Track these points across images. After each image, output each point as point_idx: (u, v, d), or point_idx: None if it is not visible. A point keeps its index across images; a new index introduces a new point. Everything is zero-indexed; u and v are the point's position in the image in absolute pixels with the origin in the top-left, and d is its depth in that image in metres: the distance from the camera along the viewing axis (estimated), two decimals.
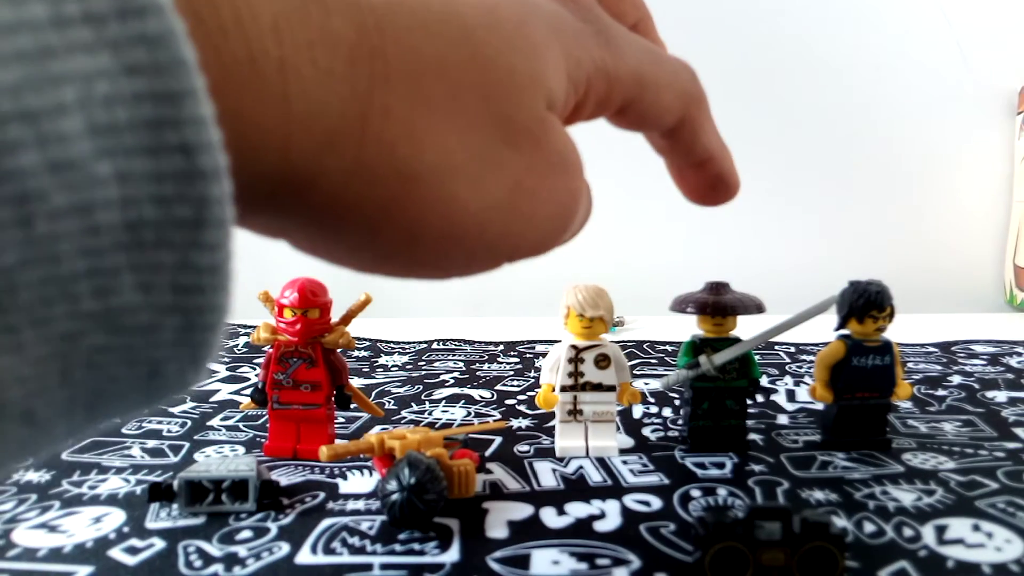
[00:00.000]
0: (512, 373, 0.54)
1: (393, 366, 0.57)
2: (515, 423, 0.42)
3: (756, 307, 0.36)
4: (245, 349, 0.60)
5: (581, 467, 0.35)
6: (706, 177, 0.29)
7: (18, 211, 0.11)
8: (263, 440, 0.38)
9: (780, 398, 0.46)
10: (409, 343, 0.66)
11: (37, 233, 0.11)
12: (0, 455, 0.13)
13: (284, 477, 0.34)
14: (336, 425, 0.39)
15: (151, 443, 0.39)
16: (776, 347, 0.60)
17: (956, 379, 0.50)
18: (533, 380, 0.52)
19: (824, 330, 0.38)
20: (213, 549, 0.28)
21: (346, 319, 0.38)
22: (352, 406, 0.38)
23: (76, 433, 0.14)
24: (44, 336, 0.12)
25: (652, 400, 0.46)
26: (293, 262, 0.20)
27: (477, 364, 0.57)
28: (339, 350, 0.38)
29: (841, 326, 0.36)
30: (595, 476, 0.34)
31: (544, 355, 0.57)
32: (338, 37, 0.16)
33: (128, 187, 0.12)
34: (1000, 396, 0.46)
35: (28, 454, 0.14)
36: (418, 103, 0.17)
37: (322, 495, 0.32)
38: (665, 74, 0.26)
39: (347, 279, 0.37)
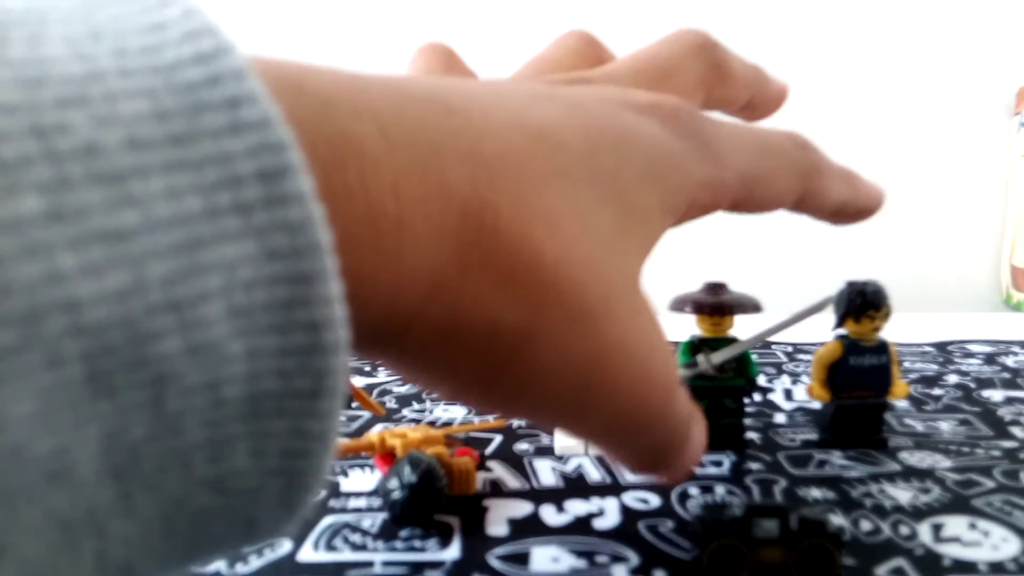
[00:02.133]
0: None
1: None
2: (515, 421, 0.42)
3: (754, 307, 0.36)
4: None
5: (580, 465, 0.35)
6: (844, 218, 0.30)
7: (153, 392, 0.11)
8: None
9: (777, 397, 0.46)
10: None
11: (167, 410, 0.12)
12: None
13: None
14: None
15: None
16: (774, 346, 0.60)
17: (952, 378, 0.50)
18: None
19: (821, 330, 0.38)
20: None
21: None
22: (353, 404, 0.38)
23: None
24: (156, 500, 0.12)
25: None
26: None
27: None
28: None
29: (838, 325, 0.37)
30: (594, 474, 0.34)
31: None
32: (452, 191, 0.16)
33: (255, 363, 0.12)
34: (996, 395, 0.46)
35: None
36: (523, 252, 0.17)
37: (323, 493, 0.32)
38: (775, 165, 0.26)
39: None
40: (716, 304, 0.36)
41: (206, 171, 0.11)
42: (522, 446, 0.38)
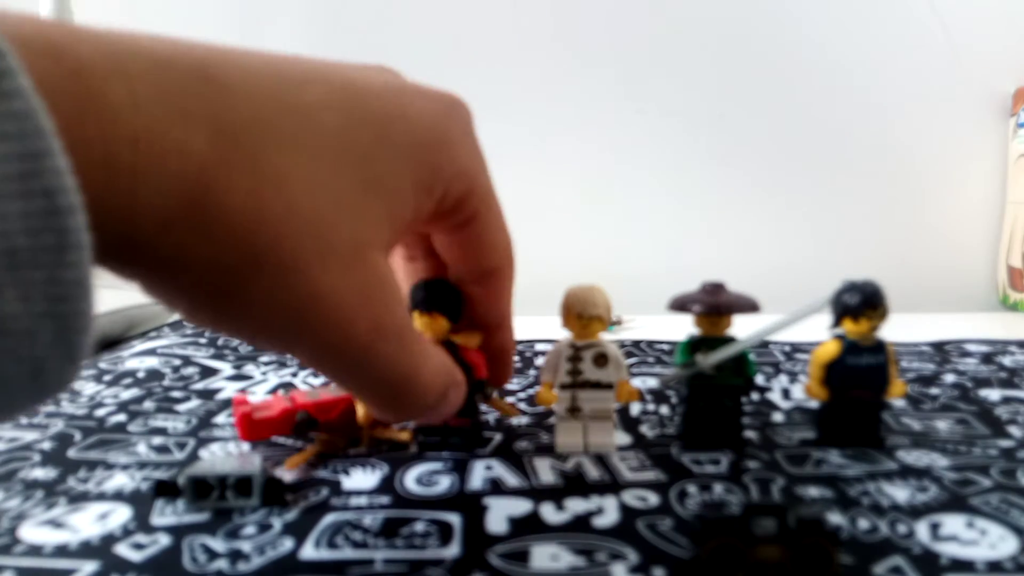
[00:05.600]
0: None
1: None
2: (515, 420, 0.42)
3: (751, 307, 0.36)
4: (250, 348, 0.61)
5: (580, 464, 0.36)
6: (491, 346, 0.36)
7: None
8: None
9: (775, 396, 0.47)
10: None
11: None
12: None
13: (288, 473, 0.34)
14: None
15: (157, 440, 0.39)
16: (771, 346, 0.61)
17: (950, 378, 0.50)
18: (533, 378, 0.52)
19: (820, 329, 0.38)
20: (217, 545, 0.28)
21: None
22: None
23: None
24: None
25: (649, 398, 0.46)
26: None
27: None
28: None
29: (835, 325, 0.37)
30: (593, 472, 0.34)
31: (544, 354, 0.58)
32: (192, 150, 0.20)
33: (5, 223, 0.15)
34: (993, 394, 0.46)
35: None
36: (250, 205, 0.21)
37: (325, 491, 0.33)
38: (503, 218, 0.32)
39: None
40: (714, 304, 0.36)
41: None
42: (522, 444, 0.38)
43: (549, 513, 0.30)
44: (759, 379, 0.50)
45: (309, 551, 0.28)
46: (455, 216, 0.30)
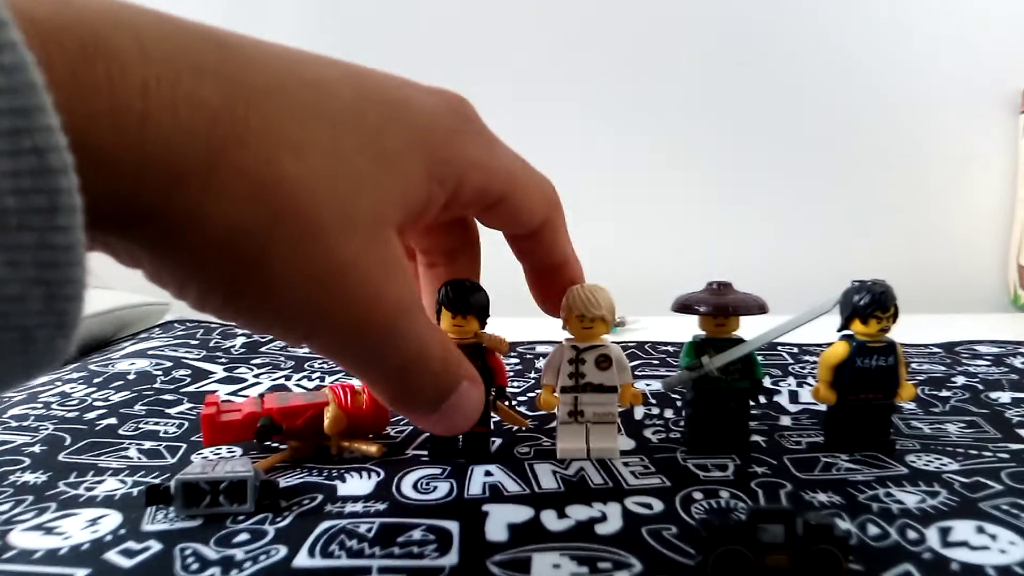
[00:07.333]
0: (512, 374, 0.54)
1: None
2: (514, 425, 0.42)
3: (759, 307, 0.36)
4: (243, 350, 0.60)
5: (582, 469, 0.35)
6: (561, 282, 0.35)
7: None
8: None
9: (783, 399, 0.46)
10: None
11: None
12: None
13: (281, 479, 0.34)
14: None
15: (148, 444, 0.39)
16: (779, 348, 0.60)
17: (960, 380, 0.50)
18: (534, 381, 0.51)
19: (828, 331, 0.37)
20: (210, 552, 0.27)
21: None
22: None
23: None
24: None
25: (654, 401, 0.46)
26: None
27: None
28: None
29: (844, 326, 0.36)
30: (596, 478, 0.34)
31: (545, 356, 0.57)
32: (204, 102, 0.19)
33: None
34: (1004, 397, 0.46)
35: None
36: (269, 167, 0.21)
37: (320, 497, 0.32)
38: (533, 178, 0.31)
39: None
40: (721, 305, 0.36)
41: None
42: (523, 449, 0.38)
43: (550, 520, 0.30)
44: (767, 382, 0.49)
45: (303, 559, 0.27)
46: (482, 201, 0.29)
